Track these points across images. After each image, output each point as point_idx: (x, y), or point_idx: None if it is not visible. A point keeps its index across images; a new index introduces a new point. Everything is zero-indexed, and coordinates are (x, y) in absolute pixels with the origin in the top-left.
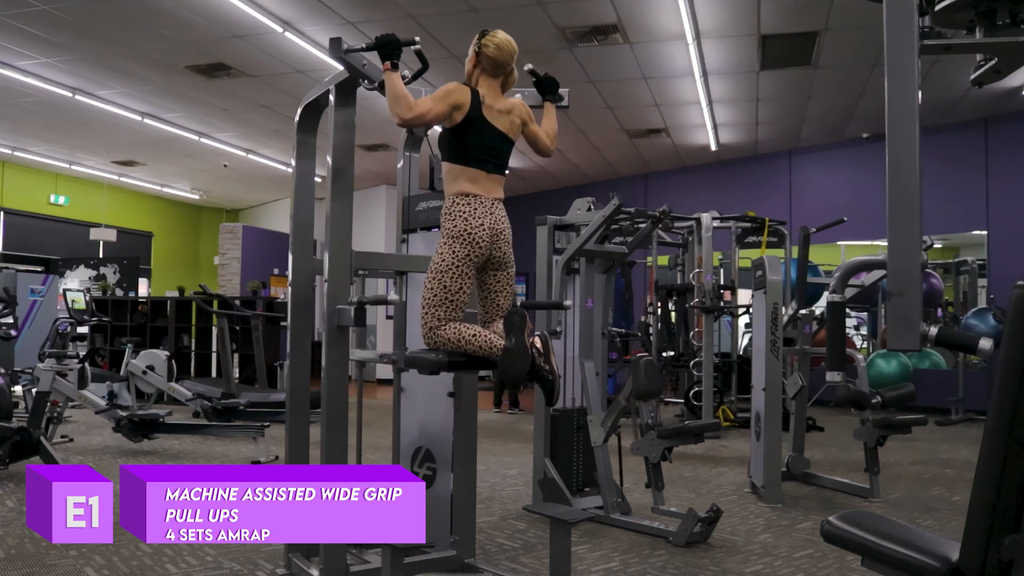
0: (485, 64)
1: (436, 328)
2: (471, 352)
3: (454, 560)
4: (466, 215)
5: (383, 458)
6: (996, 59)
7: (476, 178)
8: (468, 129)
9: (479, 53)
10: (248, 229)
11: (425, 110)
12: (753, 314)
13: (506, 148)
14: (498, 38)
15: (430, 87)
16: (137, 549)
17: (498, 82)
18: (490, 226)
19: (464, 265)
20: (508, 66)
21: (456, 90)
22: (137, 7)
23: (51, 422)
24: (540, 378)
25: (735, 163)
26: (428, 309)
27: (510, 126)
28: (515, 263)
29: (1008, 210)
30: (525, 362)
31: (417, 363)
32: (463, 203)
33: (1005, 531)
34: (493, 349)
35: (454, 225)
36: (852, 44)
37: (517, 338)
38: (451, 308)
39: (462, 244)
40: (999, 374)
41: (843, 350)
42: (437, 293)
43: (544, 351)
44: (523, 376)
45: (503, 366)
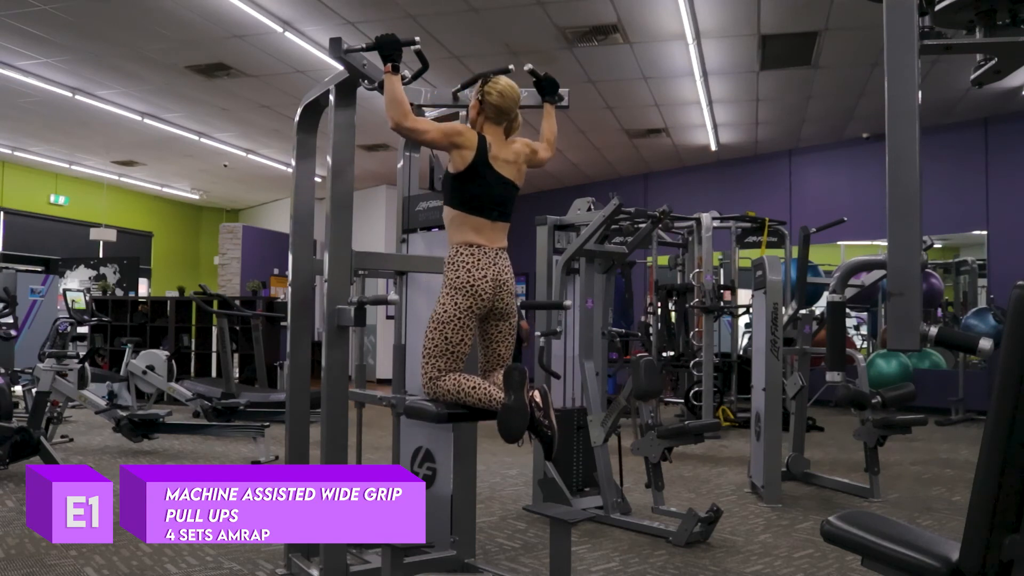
0: (489, 112)
1: (436, 379)
2: (471, 404)
3: (454, 560)
4: (469, 266)
5: (383, 458)
6: (996, 59)
7: (480, 227)
8: (474, 177)
9: (482, 101)
10: (248, 229)
11: (422, 129)
12: (753, 314)
13: (512, 195)
14: (500, 85)
15: (430, 87)
16: (137, 549)
17: (502, 128)
18: (493, 277)
19: (466, 317)
20: (512, 112)
21: (464, 132)
22: (137, 7)
23: (51, 422)
24: (539, 433)
25: (735, 163)
26: (429, 359)
27: (516, 173)
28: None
29: (1008, 210)
30: (524, 419)
31: (417, 414)
32: (467, 253)
33: (1005, 531)
34: (493, 402)
35: (457, 276)
36: (852, 44)
37: (516, 395)
38: (452, 359)
39: (464, 296)
40: (999, 374)
41: (843, 350)
42: (438, 344)
43: (544, 406)
44: (522, 433)
45: (502, 422)
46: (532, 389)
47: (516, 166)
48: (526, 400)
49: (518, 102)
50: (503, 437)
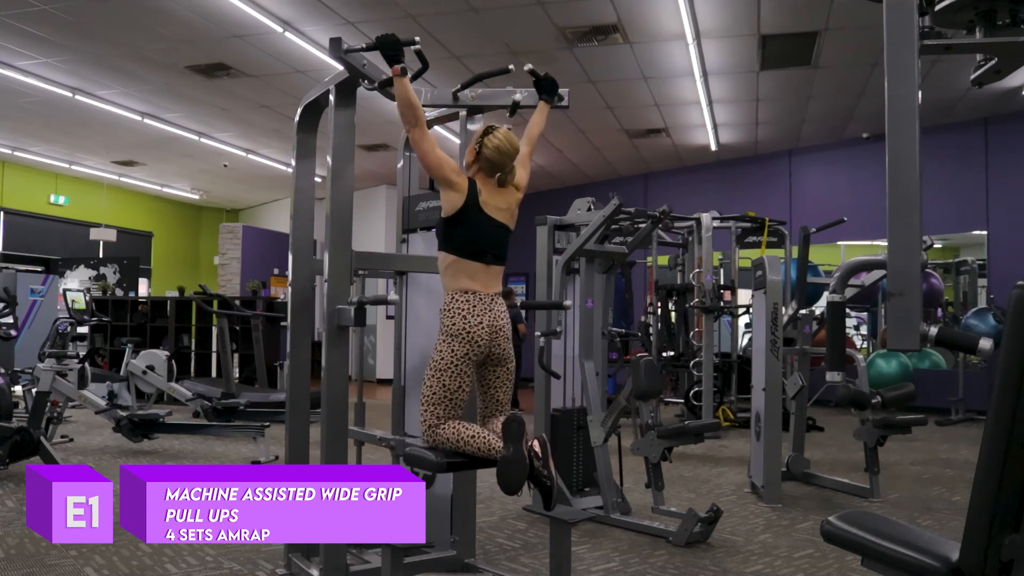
0: (483, 164)
1: (435, 427)
2: (470, 453)
3: (454, 560)
4: (465, 313)
5: (383, 458)
6: (996, 59)
7: (475, 274)
8: (465, 220)
9: (479, 152)
10: (248, 229)
11: (425, 149)
12: (753, 314)
13: (505, 239)
14: (497, 139)
15: (430, 87)
16: (137, 549)
17: (495, 179)
18: (489, 324)
19: (463, 363)
20: (507, 167)
21: (456, 172)
22: (137, 7)
23: (51, 422)
24: (539, 484)
25: (735, 163)
26: (427, 407)
27: (509, 218)
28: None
29: (1008, 210)
30: (523, 472)
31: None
32: (462, 300)
33: (1005, 531)
34: (492, 451)
35: (453, 323)
36: (852, 44)
37: (515, 447)
38: (450, 407)
39: (461, 343)
40: (999, 374)
41: (843, 350)
42: (436, 391)
43: (543, 456)
44: (520, 485)
45: (501, 475)
46: (531, 439)
47: (509, 212)
48: (525, 451)
49: (514, 157)
50: (502, 490)
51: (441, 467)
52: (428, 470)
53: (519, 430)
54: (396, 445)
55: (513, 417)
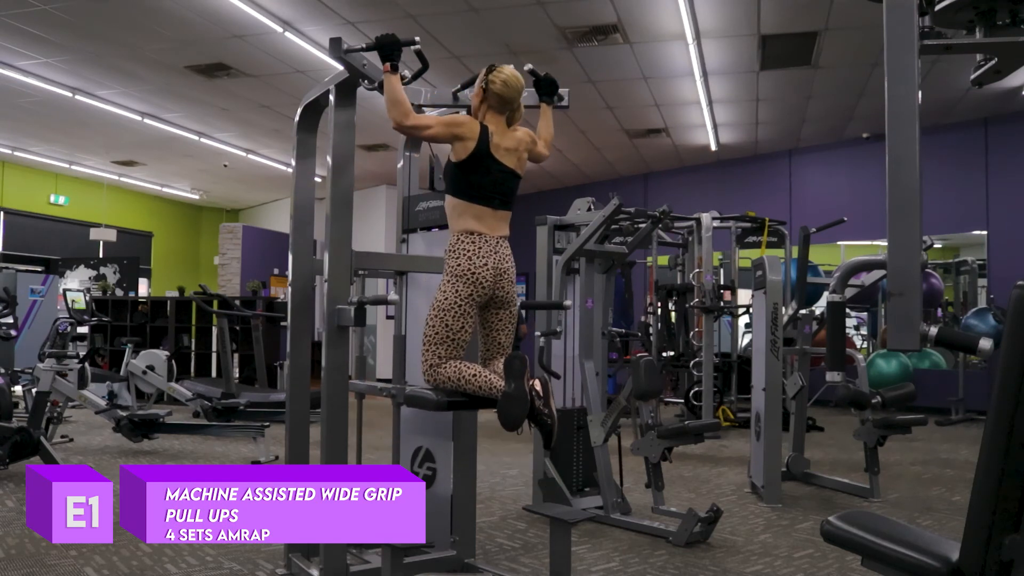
0: (492, 100)
1: (437, 366)
2: (471, 392)
3: (454, 560)
4: (470, 254)
5: (383, 458)
6: (996, 59)
7: (481, 215)
8: (476, 165)
9: (486, 89)
10: (248, 229)
11: (424, 125)
12: (753, 314)
13: (514, 184)
14: (505, 74)
15: (430, 87)
16: (137, 549)
17: (504, 118)
18: (494, 265)
19: (467, 304)
20: (515, 102)
21: (466, 123)
22: (137, 7)
23: (51, 422)
24: (539, 422)
25: (735, 163)
26: (429, 347)
27: (517, 162)
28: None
29: (1008, 210)
30: (524, 407)
31: (418, 402)
32: (467, 241)
33: (1005, 531)
34: (493, 390)
35: (458, 264)
36: (852, 44)
37: (517, 383)
38: (452, 347)
39: (465, 283)
40: (999, 374)
41: (843, 350)
42: (439, 331)
43: (544, 395)
44: (521, 421)
45: (502, 410)
46: (532, 378)
47: (517, 154)
48: (526, 388)
49: (521, 92)
50: (503, 424)
51: (442, 405)
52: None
53: (521, 367)
54: (397, 392)
55: (515, 355)
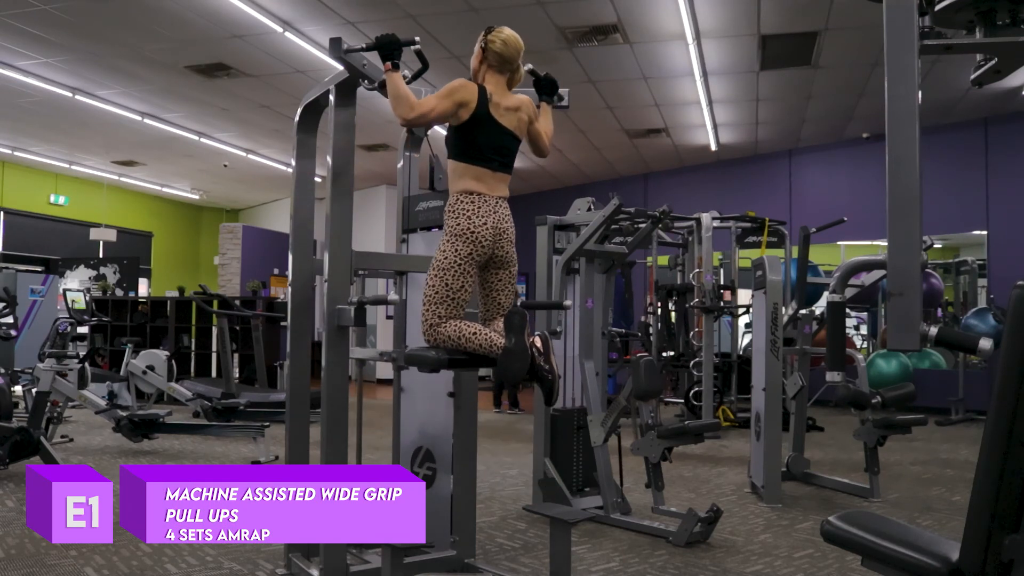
0: (492, 60)
1: (437, 325)
2: (471, 350)
3: (454, 560)
4: (469, 213)
5: (383, 458)
6: (996, 59)
7: (481, 176)
8: (475, 127)
9: (485, 49)
10: (248, 229)
11: (428, 108)
12: (753, 314)
13: (513, 146)
14: (504, 34)
15: (430, 87)
16: (137, 549)
17: (504, 78)
18: (493, 225)
19: (466, 263)
20: (515, 62)
21: (462, 87)
22: (137, 7)
23: (51, 422)
24: (540, 378)
25: (735, 163)
26: (429, 306)
27: (518, 123)
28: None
29: (1008, 210)
30: (524, 362)
31: (417, 360)
32: (467, 201)
33: (1005, 531)
34: (493, 348)
35: (457, 223)
36: (852, 44)
37: (517, 338)
38: (452, 306)
39: (465, 242)
40: (999, 374)
41: (843, 350)
42: (439, 290)
43: (544, 351)
44: (522, 376)
45: (502, 365)
46: (532, 335)
47: (517, 116)
48: (527, 344)
49: (521, 52)
50: (503, 380)
51: (442, 363)
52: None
53: (521, 323)
54: (397, 355)
55: (515, 310)
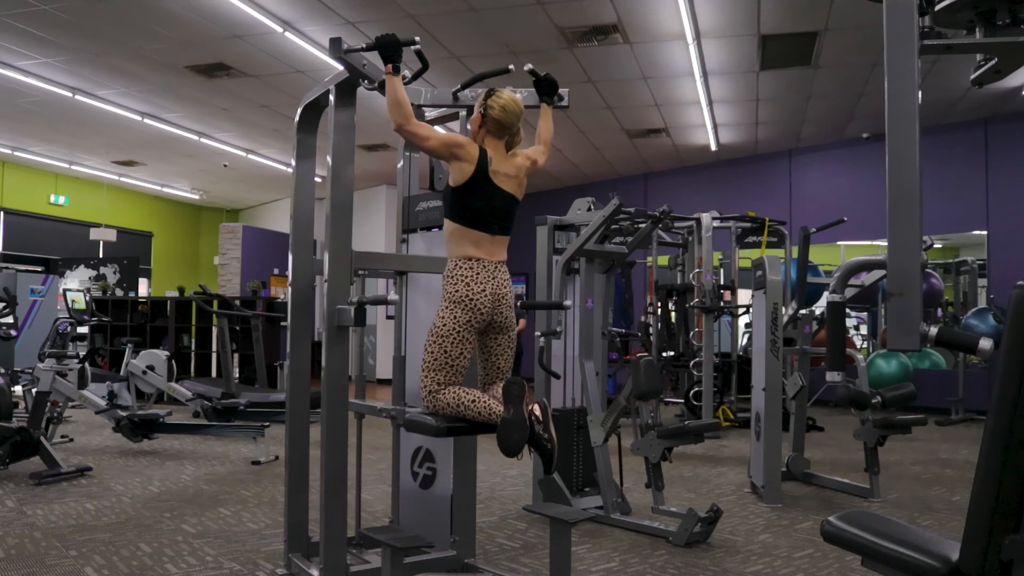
0: (490, 126)
1: (436, 392)
2: (470, 418)
3: (454, 560)
4: (468, 280)
5: (383, 458)
6: (996, 59)
7: (480, 241)
8: (474, 191)
9: (484, 114)
10: (248, 229)
11: (424, 136)
12: (753, 314)
13: (513, 209)
14: (503, 99)
15: (430, 87)
16: (137, 549)
17: (503, 142)
18: (492, 291)
19: (465, 330)
20: (514, 127)
21: (466, 144)
22: (137, 7)
23: (51, 422)
24: (539, 447)
25: (735, 163)
26: (428, 372)
27: (517, 187)
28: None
29: (1008, 210)
30: (524, 434)
31: (417, 427)
32: (466, 267)
33: (1005, 531)
34: (492, 415)
35: (456, 290)
36: (852, 44)
37: (516, 409)
38: (451, 372)
39: (464, 309)
40: (999, 374)
41: (843, 350)
42: (437, 357)
43: (543, 419)
44: (521, 447)
45: (501, 437)
46: (532, 402)
47: (517, 180)
48: (526, 414)
49: (520, 116)
50: (503, 451)
51: (442, 431)
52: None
53: (520, 392)
54: (396, 414)
55: (514, 380)
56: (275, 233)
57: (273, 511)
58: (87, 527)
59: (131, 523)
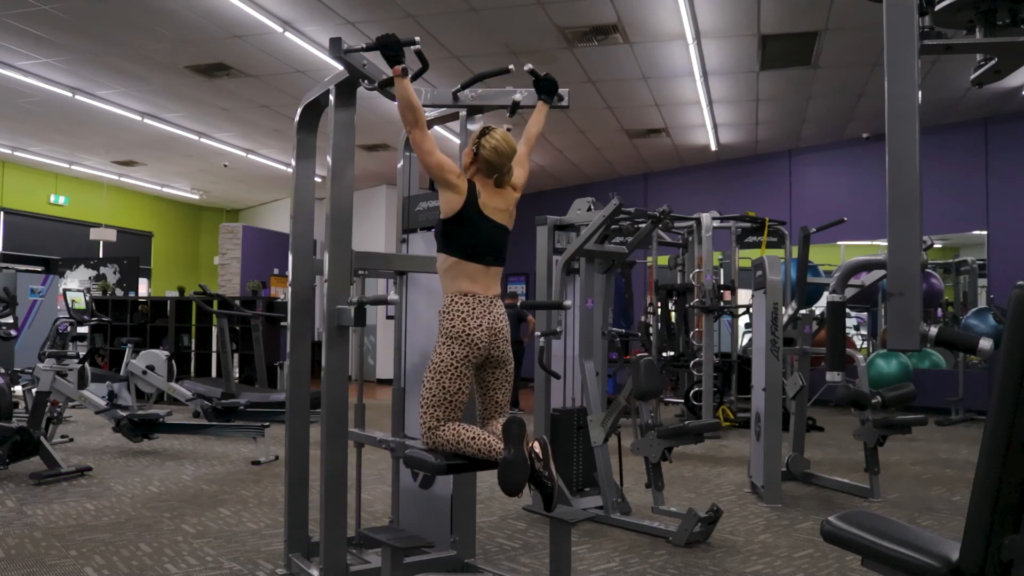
0: (481, 165)
1: (435, 429)
2: (470, 455)
3: (454, 560)
4: (464, 315)
5: (383, 458)
6: (996, 59)
7: (475, 275)
8: (464, 223)
9: (476, 153)
10: (248, 229)
11: (428, 149)
12: (753, 314)
13: (504, 239)
14: (495, 140)
15: (430, 87)
16: (137, 549)
17: (493, 180)
18: (488, 326)
19: (463, 366)
20: (504, 167)
21: (457, 178)
22: (137, 7)
23: (51, 422)
24: (540, 485)
25: (735, 163)
26: (427, 409)
27: (508, 218)
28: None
29: (1008, 210)
30: (524, 473)
31: (417, 464)
32: (461, 303)
33: (1005, 531)
34: (492, 452)
35: (452, 326)
36: (852, 44)
37: (516, 449)
38: (450, 408)
39: (461, 345)
40: (999, 374)
41: (843, 350)
42: (436, 394)
43: (544, 457)
44: (522, 487)
45: (502, 477)
46: (531, 440)
47: (508, 212)
48: (526, 453)
49: (511, 157)
50: (504, 491)
51: (441, 469)
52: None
53: (520, 431)
54: (396, 447)
55: (513, 419)
56: (275, 233)
57: (273, 511)
58: (87, 527)
59: (131, 523)
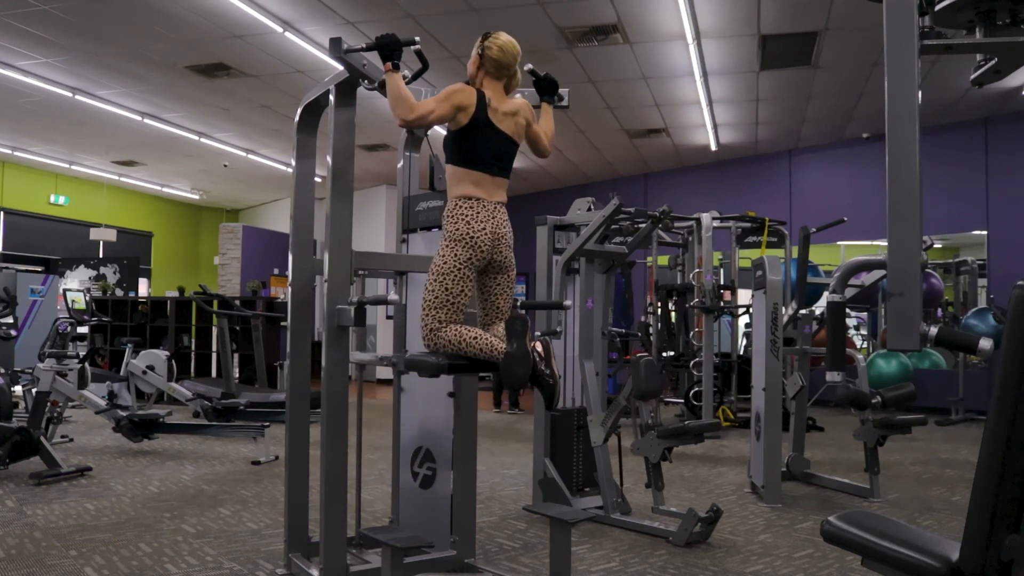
0: (488, 66)
1: (437, 330)
2: (472, 355)
3: (454, 560)
4: (468, 218)
5: (383, 458)
6: (996, 59)
7: (480, 181)
8: (473, 132)
9: (482, 55)
10: (248, 229)
11: (427, 111)
12: (753, 314)
13: (511, 151)
14: (501, 40)
15: (430, 87)
16: (137, 549)
17: (502, 84)
18: (492, 230)
19: (465, 268)
20: (512, 68)
21: (460, 91)
22: (137, 7)
23: (51, 422)
24: (540, 382)
25: (735, 163)
26: (429, 311)
27: (515, 128)
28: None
29: (1008, 210)
30: (527, 367)
31: (417, 366)
32: (465, 206)
33: (1005, 531)
34: (494, 352)
35: (456, 228)
36: (852, 44)
37: (519, 343)
38: (452, 310)
39: (464, 247)
40: (999, 374)
41: (843, 350)
42: (438, 295)
43: (545, 355)
44: (525, 381)
45: (505, 371)
46: (534, 340)
47: (515, 120)
48: (528, 349)
49: (518, 57)
50: (506, 384)
51: (442, 368)
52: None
53: (523, 327)
54: (397, 360)
55: (516, 315)
56: (275, 233)
57: (273, 511)
58: (87, 527)
59: (131, 523)
